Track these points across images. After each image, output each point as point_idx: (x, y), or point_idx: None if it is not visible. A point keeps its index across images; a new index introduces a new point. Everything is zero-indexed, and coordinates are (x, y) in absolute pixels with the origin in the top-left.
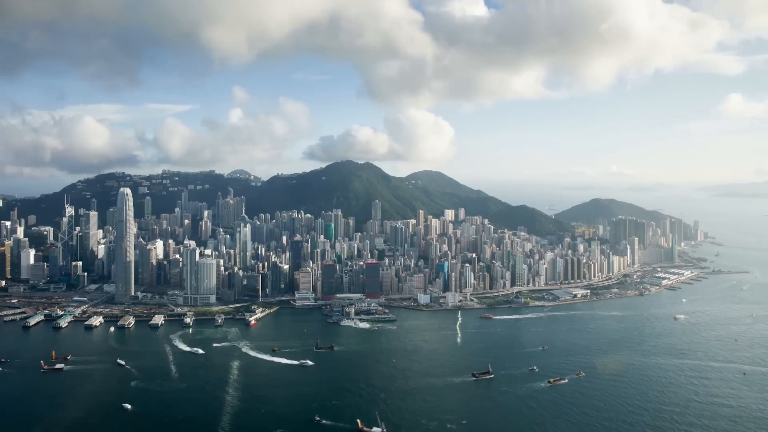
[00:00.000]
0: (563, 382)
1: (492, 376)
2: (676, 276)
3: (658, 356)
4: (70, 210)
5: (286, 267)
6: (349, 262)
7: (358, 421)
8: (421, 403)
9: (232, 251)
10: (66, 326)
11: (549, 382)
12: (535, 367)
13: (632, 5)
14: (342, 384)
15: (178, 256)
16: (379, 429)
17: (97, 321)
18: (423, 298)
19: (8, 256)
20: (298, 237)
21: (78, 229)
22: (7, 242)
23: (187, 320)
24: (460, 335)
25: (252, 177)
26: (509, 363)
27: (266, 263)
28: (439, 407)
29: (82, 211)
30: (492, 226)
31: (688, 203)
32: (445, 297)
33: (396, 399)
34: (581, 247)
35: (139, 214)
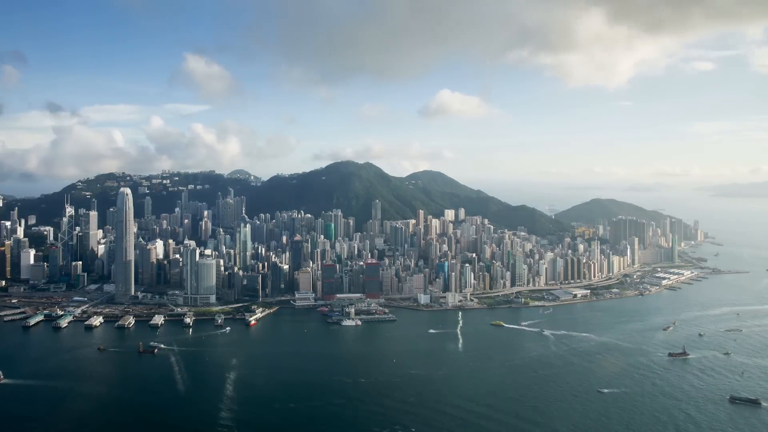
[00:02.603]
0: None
1: (689, 355)
2: (676, 276)
3: None
4: (70, 210)
5: (286, 267)
6: (349, 262)
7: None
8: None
9: (232, 251)
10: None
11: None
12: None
13: None
14: None
15: (178, 256)
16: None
17: (97, 321)
18: (423, 298)
19: (8, 256)
20: (298, 237)
21: (78, 229)
22: (7, 242)
23: (187, 320)
24: (461, 342)
25: (252, 177)
26: None
27: (266, 263)
28: None
29: (82, 211)
30: (492, 226)
31: (688, 203)
32: (445, 297)
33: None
34: (581, 247)
35: (139, 214)
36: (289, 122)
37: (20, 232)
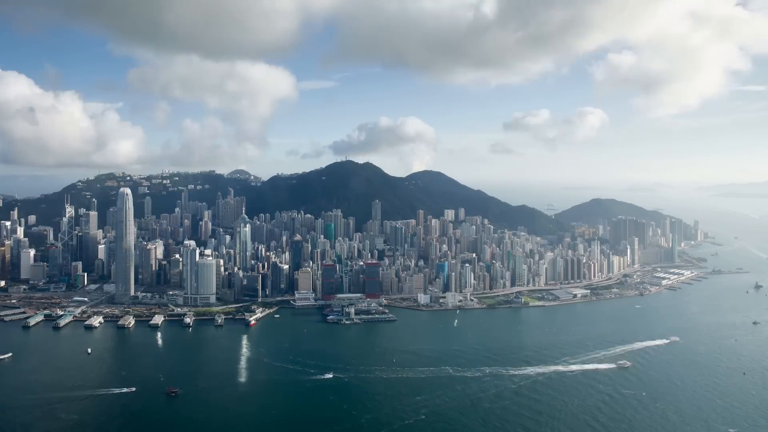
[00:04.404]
0: None
1: None
2: (676, 276)
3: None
4: (70, 210)
5: (286, 267)
6: (349, 262)
7: None
8: None
9: (232, 251)
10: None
11: None
12: None
13: None
14: None
15: (178, 256)
16: None
17: (97, 321)
18: (423, 298)
19: (8, 256)
20: (298, 237)
21: (78, 229)
22: (7, 242)
23: (187, 320)
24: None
25: (252, 177)
26: None
27: (266, 263)
28: None
29: (82, 211)
30: (492, 226)
31: (688, 203)
32: (445, 297)
33: None
34: (581, 247)
35: (139, 214)
36: None
37: (20, 232)
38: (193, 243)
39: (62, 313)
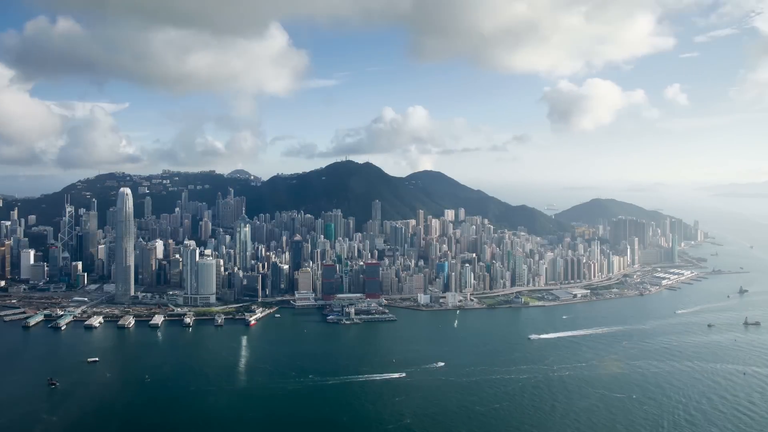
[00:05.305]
0: None
1: None
2: (676, 276)
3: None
4: (70, 210)
5: (286, 267)
6: (349, 262)
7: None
8: None
9: (232, 251)
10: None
11: None
12: None
13: None
14: None
15: (178, 256)
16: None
17: (97, 321)
18: (423, 298)
19: (8, 256)
20: (298, 237)
21: (78, 229)
22: (7, 242)
23: (187, 320)
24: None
25: (252, 177)
26: None
27: (266, 263)
28: None
29: (82, 211)
30: (492, 226)
31: (688, 203)
32: (445, 297)
33: None
34: (581, 247)
35: (139, 214)
36: None
37: (20, 232)
38: (193, 243)
39: (62, 313)
